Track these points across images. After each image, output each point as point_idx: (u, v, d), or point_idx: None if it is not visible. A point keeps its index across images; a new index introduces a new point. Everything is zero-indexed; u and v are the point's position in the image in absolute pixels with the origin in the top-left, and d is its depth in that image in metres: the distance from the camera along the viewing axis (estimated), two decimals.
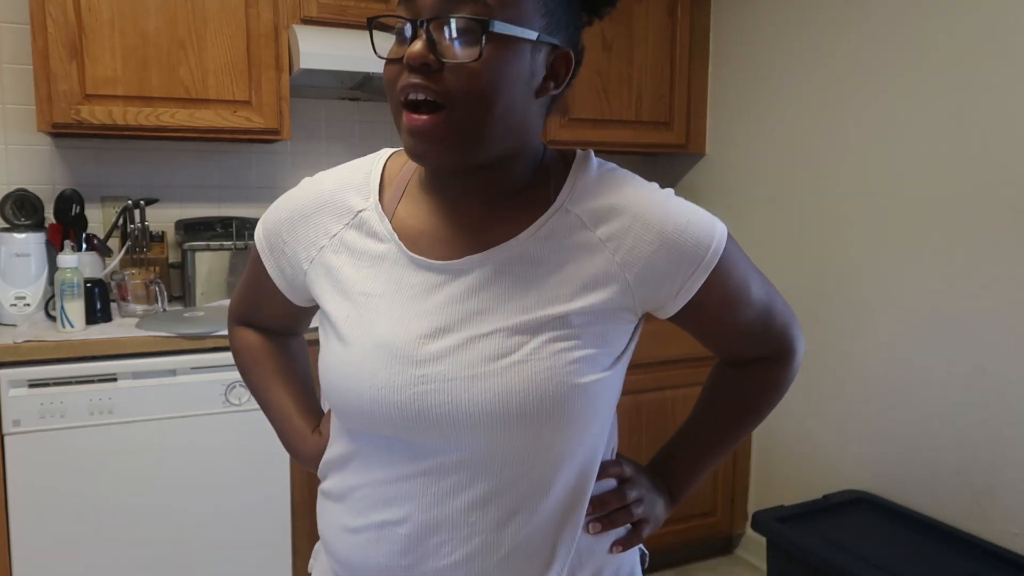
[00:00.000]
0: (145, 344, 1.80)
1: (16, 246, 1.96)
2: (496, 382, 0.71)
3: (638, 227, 0.75)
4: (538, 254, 0.75)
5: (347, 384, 0.76)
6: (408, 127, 0.70)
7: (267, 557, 1.95)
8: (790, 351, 0.90)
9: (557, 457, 0.75)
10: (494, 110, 0.70)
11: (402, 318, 0.75)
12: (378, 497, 0.77)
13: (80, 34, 1.92)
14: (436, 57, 0.68)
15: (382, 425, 0.75)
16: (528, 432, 0.71)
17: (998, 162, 1.87)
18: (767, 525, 2.03)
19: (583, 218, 0.75)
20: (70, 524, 1.75)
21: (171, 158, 2.36)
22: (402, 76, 0.70)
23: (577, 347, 0.73)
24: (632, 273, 0.74)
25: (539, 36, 0.71)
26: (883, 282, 2.17)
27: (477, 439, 0.72)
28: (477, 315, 0.73)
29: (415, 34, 0.69)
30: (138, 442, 1.79)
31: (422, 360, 0.73)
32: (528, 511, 0.75)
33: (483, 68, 0.68)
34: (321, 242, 0.81)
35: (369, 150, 0.88)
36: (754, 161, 2.60)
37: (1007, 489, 1.88)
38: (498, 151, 0.74)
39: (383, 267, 0.77)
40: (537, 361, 0.71)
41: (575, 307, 0.73)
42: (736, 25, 2.66)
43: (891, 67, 2.12)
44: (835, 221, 2.31)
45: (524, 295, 0.74)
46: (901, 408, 2.12)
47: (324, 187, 0.84)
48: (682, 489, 0.93)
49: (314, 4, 2.14)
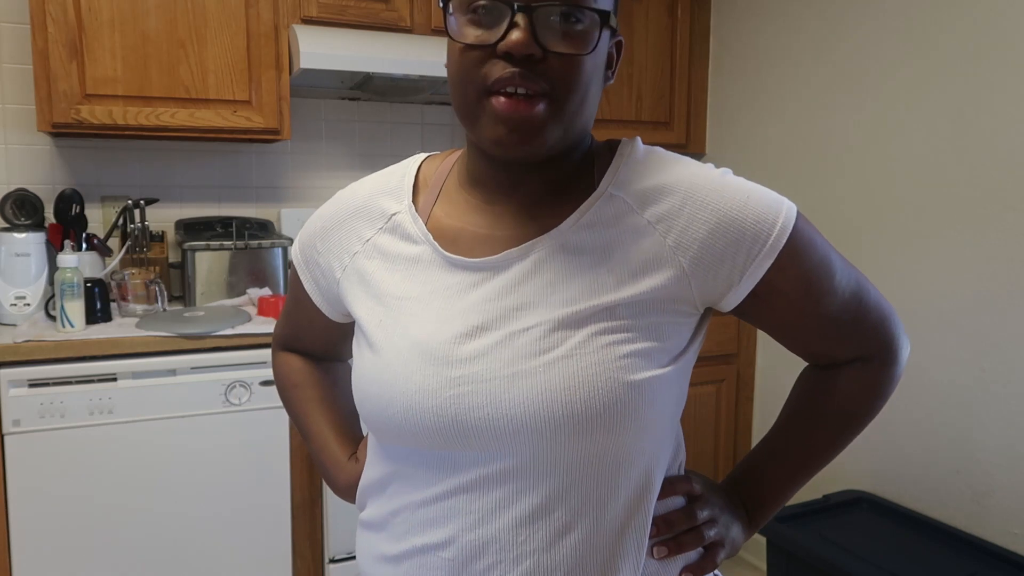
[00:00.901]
0: (145, 344, 1.80)
1: (16, 246, 1.96)
2: (539, 380, 0.65)
3: (691, 206, 0.68)
4: (582, 243, 0.69)
5: (379, 391, 0.71)
6: (504, 114, 0.65)
7: (267, 557, 1.95)
8: (890, 350, 0.78)
9: (612, 466, 0.67)
10: (586, 101, 0.68)
11: (437, 319, 0.70)
12: (419, 520, 0.72)
13: (80, 34, 1.92)
14: (542, 47, 0.64)
15: (419, 436, 0.69)
16: (577, 435, 0.65)
17: (998, 162, 1.87)
18: (767, 525, 2.03)
19: (629, 201, 0.70)
20: (70, 524, 1.75)
21: (171, 158, 2.36)
22: (489, 64, 0.65)
23: (628, 340, 0.66)
24: (687, 257, 0.68)
25: (615, 24, 0.69)
26: (883, 282, 2.17)
27: (522, 445, 0.66)
28: (517, 311, 0.68)
29: (512, 21, 0.63)
30: (138, 442, 1.79)
31: (458, 361, 0.68)
32: (583, 528, 0.68)
33: (588, 59, 0.66)
34: (354, 248, 0.78)
35: (369, 150, 0.88)
36: (754, 161, 2.60)
37: (1007, 490, 1.88)
38: (572, 142, 0.71)
39: (418, 269, 0.73)
40: (584, 356, 0.65)
41: (624, 296, 0.67)
42: (736, 25, 2.66)
43: (890, 66, 2.12)
44: (835, 221, 2.31)
45: (567, 287, 0.68)
46: (901, 408, 2.12)
47: (357, 194, 0.81)
48: (763, 510, 0.82)
49: (314, 4, 2.14)
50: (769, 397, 2.57)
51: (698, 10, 2.72)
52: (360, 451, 0.87)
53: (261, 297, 2.07)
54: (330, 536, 2.00)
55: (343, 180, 2.53)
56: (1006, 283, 1.87)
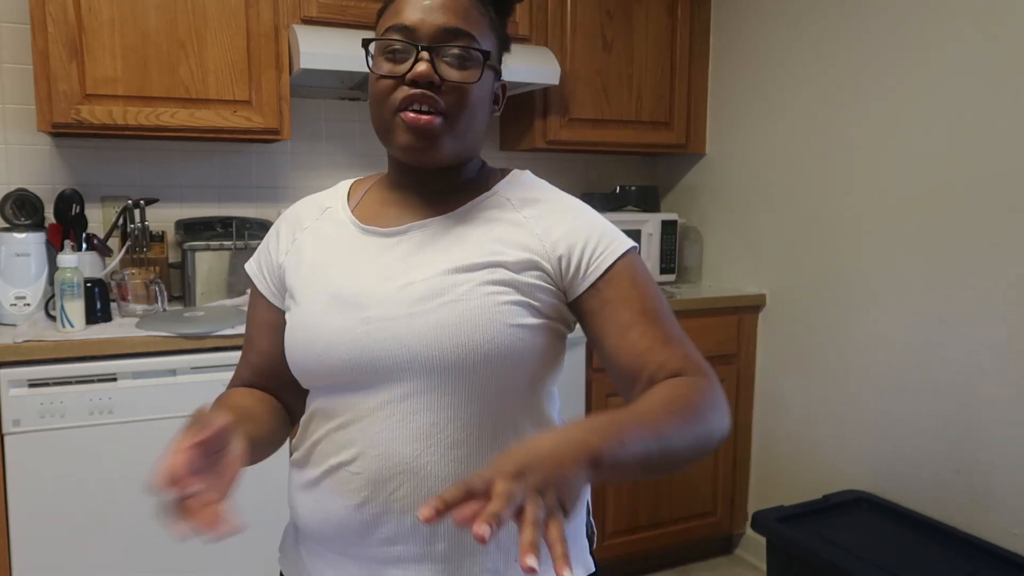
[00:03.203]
0: (145, 344, 1.80)
1: (16, 246, 1.96)
2: (433, 318, 0.80)
3: (558, 213, 0.88)
4: (471, 221, 0.88)
5: (304, 336, 0.85)
6: (411, 125, 0.83)
7: (267, 557, 1.95)
8: (703, 370, 0.81)
9: (497, 399, 0.81)
10: (475, 121, 0.87)
11: (352, 274, 0.86)
12: (332, 444, 0.84)
13: (80, 34, 1.92)
14: (440, 76, 0.82)
15: (335, 370, 0.83)
16: (463, 366, 0.79)
17: (998, 163, 1.87)
18: (767, 525, 2.03)
19: (512, 201, 0.90)
20: (70, 524, 1.75)
21: (171, 158, 2.36)
22: (399, 90, 0.83)
23: (508, 293, 0.82)
24: (549, 242, 0.85)
25: (498, 67, 0.90)
26: (883, 282, 2.17)
27: (417, 373, 0.80)
28: (417, 267, 0.84)
29: (417, 57, 0.82)
30: (138, 442, 1.79)
31: (367, 304, 0.83)
32: (470, 444, 0.81)
33: (475, 88, 0.85)
34: (295, 235, 0.95)
35: (369, 150, 0.97)
36: (754, 161, 2.60)
37: (1006, 489, 1.88)
38: (463, 154, 0.90)
39: (341, 241, 0.91)
40: (471, 300, 0.80)
41: (503, 259, 0.83)
42: (736, 25, 2.66)
43: (890, 67, 2.12)
44: (835, 221, 2.31)
45: (459, 250, 0.85)
46: (901, 408, 2.12)
47: (300, 203, 1.00)
48: (619, 444, 0.67)
49: (314, 4, 2.14)
50: (769, 397, 2.57)
51: (698, 10, 2.72)
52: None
53: None
54: None
55: (343, 180, 2.52)
56: (1006, 283, 1.87)
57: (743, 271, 2.64)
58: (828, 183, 2.33)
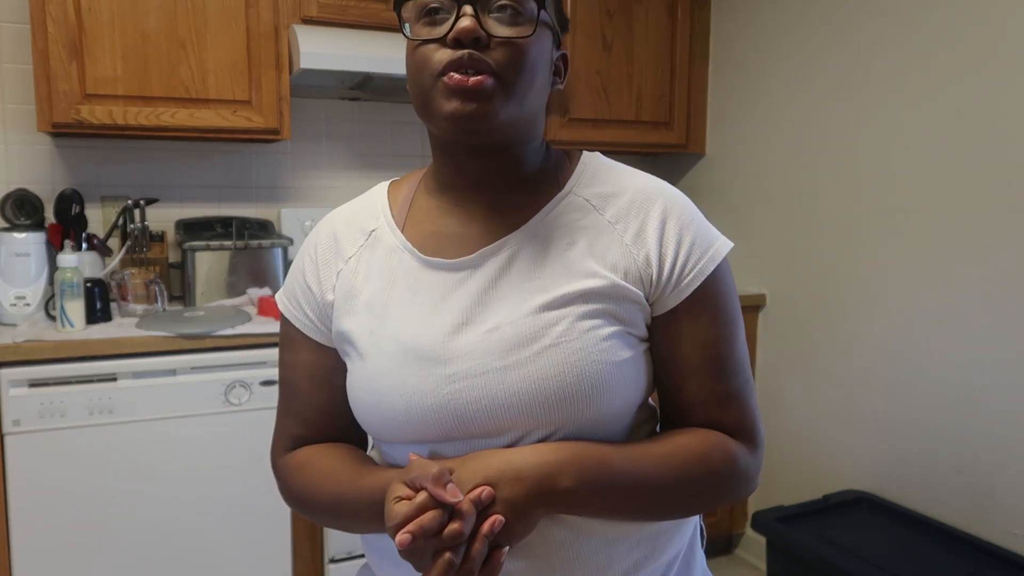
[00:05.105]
0: (145, 344, 1.80)
1: (16, 246, 1.96)
2: (531, 369, 0.70)
3: (646, 211, 0.77)
4: (549, 237, 0.76)
5: (376, 398, 0.74)
6: (455, 87, 0.70)
7: (267, 557, 1.95)
8: (753, 437, 0.78)
9: (597, 427, 0.73)
10: (533, 86, 0.74)
11: (424, 320, 0.74)
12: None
13: (80, 34, 1.92)
14: (486, 32, 0.70)
15: (419, 433, 0.72)
16: (565, 408, 0.70)
17: (998, 163, 1.87)
18: (767, 525, 2.03)
19: (591, 201, 0.78)
20: (70, 524, 1.75)
21: (171, 158, 2.36)
22: (440, 52, 0.71)
23: (606, 325, 0.72)
24: (641, 256, 0.75)
25: (557, 29, 0.77)
26: (883, 282, 2.17)
27: (518, 427, 0.70)
28: (498, 303, 0.73)
29: (460, 13, 0.70)
30: (138, 442, 1.79)
31: (450, 358, 0.72)
32: None
33: (530, 46, 0.72)
34: (339, 267, 0.81)
35: (369, 150, 0.91)
36: (754, 161, 2.60)
37: (1007, 489, 1.88)
38: (523, 129, 0.77)
39: (400, 276, 0.77)
40: (569, 342, 0.70)
41: (594, 284, 0.73)
42: (736, 25, 2.66)
43: (891, 67, 2.12)
44: (836, 221, 2.31)
45: (541, 276, 0.74)
46: (901, 408, 2.12)
47: (335, 221, 0.85)
48: (587, 492, 0.69)
49: (314, 4, 2.14)
50: (769, 398, 2.57)
51: (698, 10, 2.72)
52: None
53: (261, 297, 2.07)
54: (330, 536, 2.00)
55: (343, 180, 2.53)
56: (1006, 283, 1.87)
57: (743, 271, 2.64)
58: (828, 183, 2.33)
